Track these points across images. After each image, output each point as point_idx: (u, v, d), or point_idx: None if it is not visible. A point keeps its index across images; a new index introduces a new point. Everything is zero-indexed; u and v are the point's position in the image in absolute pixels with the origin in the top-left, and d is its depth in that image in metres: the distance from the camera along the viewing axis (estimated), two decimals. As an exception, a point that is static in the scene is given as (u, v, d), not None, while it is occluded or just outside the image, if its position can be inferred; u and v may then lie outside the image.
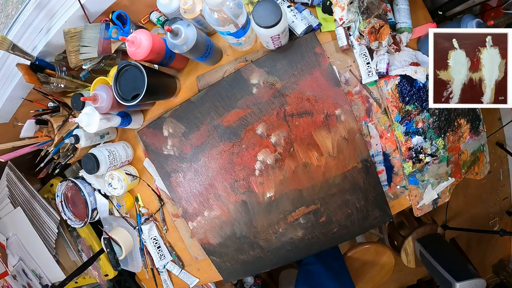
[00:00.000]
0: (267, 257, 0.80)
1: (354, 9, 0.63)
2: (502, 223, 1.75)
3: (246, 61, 0.74)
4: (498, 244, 1.73)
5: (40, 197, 0.90)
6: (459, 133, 0.72)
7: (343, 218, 0.76)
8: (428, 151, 0.72)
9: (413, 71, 0.67)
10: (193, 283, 0.89)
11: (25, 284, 1.00)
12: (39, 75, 0.73)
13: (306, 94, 0.71)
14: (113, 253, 0.86)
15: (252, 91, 0.73)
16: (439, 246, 1.28)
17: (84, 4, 0.67)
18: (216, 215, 0.80)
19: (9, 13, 0.77)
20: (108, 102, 0.67)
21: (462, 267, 1.21)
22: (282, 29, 0.59)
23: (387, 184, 0.75)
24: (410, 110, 0.69)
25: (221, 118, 0.75)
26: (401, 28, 0.66)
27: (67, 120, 0.79)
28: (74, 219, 0.86)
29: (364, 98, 0.71)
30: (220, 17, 0.53)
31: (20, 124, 0.80)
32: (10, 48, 0.65)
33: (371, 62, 0.69)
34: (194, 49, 0.60)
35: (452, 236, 1.65)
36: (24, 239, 0.96)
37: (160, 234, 0.88)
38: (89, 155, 0.74)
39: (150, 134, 0.80)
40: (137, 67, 0.62)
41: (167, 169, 0.80)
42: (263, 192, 0.76)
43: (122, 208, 0.86)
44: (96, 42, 0.70)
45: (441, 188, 0.76)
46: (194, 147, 0.78)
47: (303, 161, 0.73)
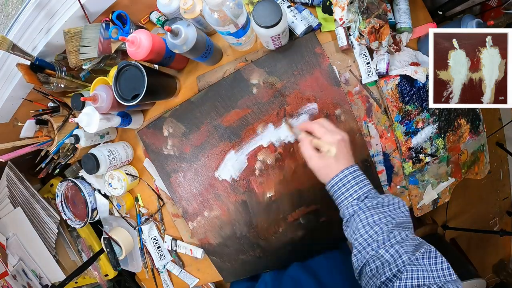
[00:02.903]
0: (267, 257, 0.80)
1: (354, 9, 0.63)
2: (502, 223, 1.75)
3: (246, 61, 0.74)
4: (498, 244, 1.73)
5: (40, 197, 0.90)
6: (459, 133, 0.72)
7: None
8: (428, 151, 0.72)
9: (413, 71, 0.67)
10: (193, 283, 0.89)
11: (25, 284, 1.00)
12: (39, 75, 0.73)
13: (306, 94, 0.71)
14: (113, 253, 0.86)
15: (252, 91, 0.73)
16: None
17: (84, 4, 0.67)
18: (216, 215, 0.80)
19: (9, 13, 0.77)
20: (108, 102, 0.67)
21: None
22: (282, 29, 0.59)
23: (387, 184, 0.75)
24: (410, 110, 0.69)
25: (221, 118, 0.75)
26: (401, 28, 0.66)
27: (67, 120, 0.79)
28: (74, 219, 0.86)
29: (364, 98, 0.71)
30: (220, 17, 0.53)
31: (20, 124, 0.80)
32: (10, 48, 0.65)
33: (371, 62, 0.69)
34: (194, 49, 0.60)
35: (452, 236, 1.65)
36: (24, 239, 0.96)
37: (159, 234, 0.88)
38: (89, 155, 0.74)
39: (150, 134, 0.80)
40: (137, 67, 0.62)
41: (167, 169, 0.80)
42: (263, 192, 0.76)
43: (122, 208, 0.86)
44: (96, 42, 0.70)
45: (441, 188, 0.76)
46: (194, 147, 0.78)
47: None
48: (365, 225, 0.46)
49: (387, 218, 0.45)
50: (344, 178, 0.49)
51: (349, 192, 0.49)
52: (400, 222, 0.46)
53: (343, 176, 0.50)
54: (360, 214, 0.47)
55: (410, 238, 0.44)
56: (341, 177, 0.50)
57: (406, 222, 0.47)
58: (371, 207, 0.47)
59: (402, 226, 0.46)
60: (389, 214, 0.46)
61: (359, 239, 0.46)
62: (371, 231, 0.45)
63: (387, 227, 0.45)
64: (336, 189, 0.50)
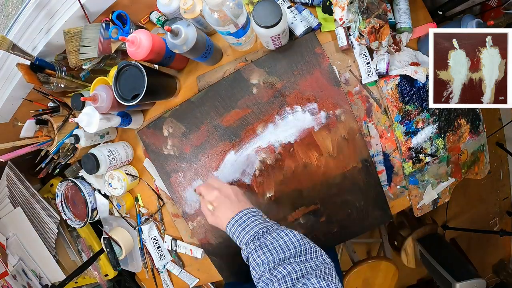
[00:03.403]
0: (267, 257, 0.80)
1: (354, 9, 0.63)
2: (502, 223, 1.75)
3: (246, 61, 0.74)
4: (498, 244, 1.73)
5: (40, 197, 0.90)
6: (459, 133, 0.72)
7: (343, 218, 0.76)
8: (428, 151, 0.72)
9: (413, 71, 0.67)
10: (193, 283, 0.89)
11: (25, 284, 1.00)
12: (39, 75, 0.73)
13: (306, 94, 0.71)
14: (113, 253, 0.86)
15: (252, 91, 0.73)
16: (439, 246, 1.28)
17: (84, 4, 0.67)
18: (216, 215, 0.80)
19: (9, 13, 0.77)
20: (108, 102, 0.67)
21: (462, 267, 1.21)
22: (282, 29, 0.59)
23: (387, 184, 0.75)
24: (410, 110, 0.69)
25: (221, 118, 0.75)
26: (401, 28, 0.66)
27: (67, 120, 0.79)
28: (74, 219, 0.86)
29: (364, 98, 0.71)
30: (220, 17, 0.53)
31: (20, 124, 0.80)
32: (10, 48, 0.65)
33: (371, 62, 0.69)
34: (194, 49, 0.60)
35: (452, 236, 1.65)
36: (24, 239, 0.96)
37: (159, 234, 0.88)
38: (89, 155, 0.74)
39: (150, 134, 0.80)
40: (137, 67, 0.62)
41: (167, 169, 0.80)
42: (263, 192, 0.76)
43: (122, 208, 0.86)
44: (96, 42, 0.70)
45: (441, 188, 0.76)
46: (194, 147, 0.78)
47: (303, 161, 0.73)
48: (254, 266, 0.48)
49: (272, 256, 0.46)
50: (231, 227, 0.53)
51: (238, 239, 0.52)
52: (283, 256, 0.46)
53: (229, 227, 0.53)
54: (249, 257, 0.49)
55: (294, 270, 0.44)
56: (230, 227, 0.53)
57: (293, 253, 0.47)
58: (257, 248, 0.49)
59: (287, 259, 0.46)
60: (272, 252, 0.47)
61: (256, 277, 0.48)
62: (259, 271, 0.47)
63: (270, 265, 0.46)
64: (231, 235, 0.54)
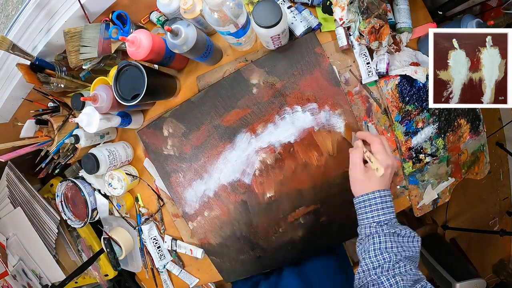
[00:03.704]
0: (267, 257, 0.80)
1: (354, 9, 0.63)
2: (502, 223, 1.75)
3: (246, 61, 0.74)
4: (498, 244, 1.73)
5: (40, 197, 0.90)
6: (459, 133, 0.72)
7: (343, 218, 0.76)
8: (428, 151, 0.72)
9: (413, 71, 0.67)
10: (193, 283, 0.89)
11: (25, 284, 1.00)
12: (39, 75, 0.73)
13: (306, 94, 0.71)
14: (113, 253, 0.86)
15: (252, 91, 0.73)
16: (439, 246, 1.28)
17: (84, 4, 0.67)
18: (216, 215, 0.80)
19: (9, 13, 0.77)
20: (108, 102, 0.67)
21: (462, 267, 1.21)
22: (282, 29, 0.59)
23: (387, 184, 0.75)
24: (410, 110, 0.69)
25: (221, 118, 0.75)
26: (401, 28, 0.66)
27: (67, 120, 0.79)
28: (74, 219, 0.86)
29: (364, 98, 0.71)
30: (220, 17, 0.53)
31: (20, 124, 0.80)
32: (10, 48, 0.65)
33: (371, 62, 0.69)
34: (194, 49, 0.60)
35: (452, 236, 1.65)
36: (24, 239, 0.96)
37: (159, 234, 0.88)
38: (89, 155, 0.74)
39: (150, 134, 0.80)
40: (137, 67, 0.62)
41: (167, 169, 0.80)
42: (263, 192, 0.76)
43: (122, 208, 0.86)
44: (96, 42, 0.70)
45: (441, 188, 0.76)
46: (194, 147, 0.78)
47: (303, 161, 0.73)
48: (376, 249, 0.48)
49: (398, 249, 0.47)
50: (373, 199, 0.51)
51: (372, 214, 0.50)
52: (409, 255, 0.48)
53: (372, 197, 0.51)
54: (375, 237, 0.49)
55: (412, 273, 0.46)
56: (371, 197, 0.51)
57: (414, 256, 0.49)
58: (387, 234, 0.49)
59: (409, 259, 0.48)
60: (401, 245, 0.48)
61: (367, 260, 0.48)
62: (380, 256, 0.47)
63: (395, 257, 0.46)
64: (362, 206, 0.52)
